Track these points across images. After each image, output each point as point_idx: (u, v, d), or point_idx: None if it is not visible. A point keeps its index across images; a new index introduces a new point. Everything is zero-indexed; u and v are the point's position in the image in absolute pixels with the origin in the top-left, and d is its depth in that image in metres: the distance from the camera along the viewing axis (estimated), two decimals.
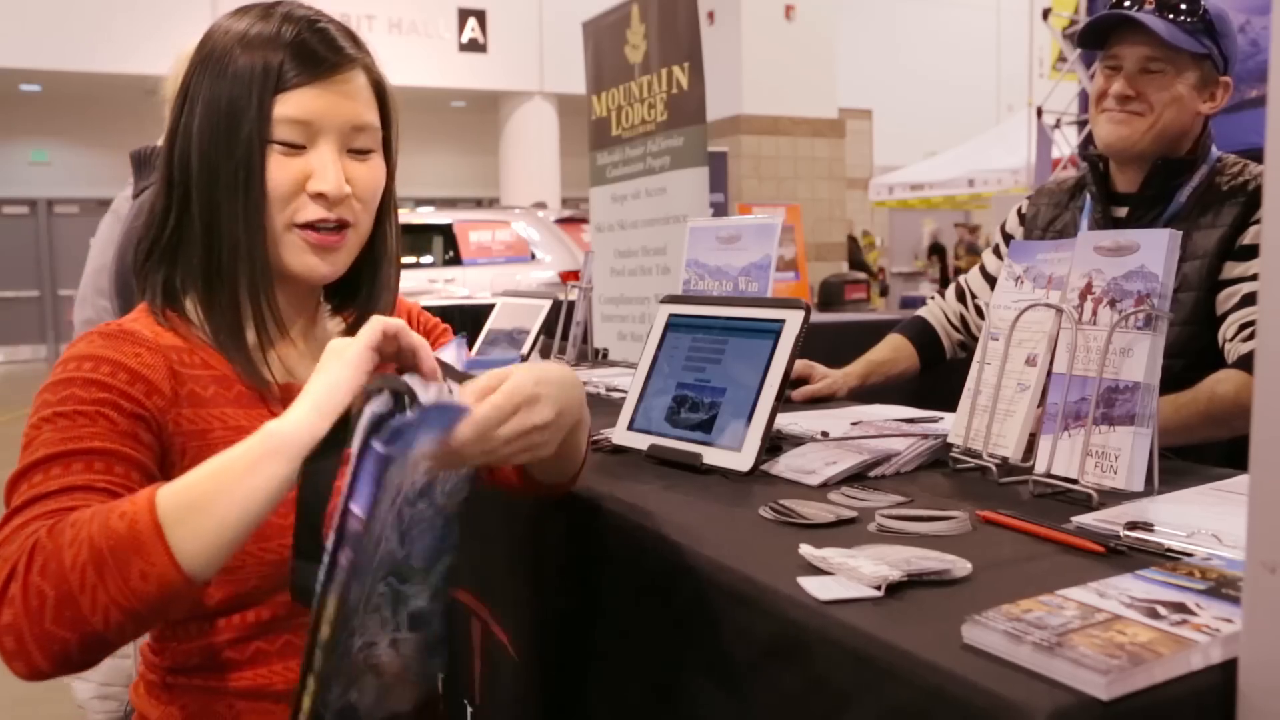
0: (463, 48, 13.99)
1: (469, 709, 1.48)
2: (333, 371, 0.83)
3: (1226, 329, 1.55)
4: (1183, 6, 1.63)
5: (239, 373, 1.00)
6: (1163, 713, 0.64)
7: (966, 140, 12.80)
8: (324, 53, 0.99)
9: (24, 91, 13.71)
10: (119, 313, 1.85)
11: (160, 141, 1.93)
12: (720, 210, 7.22)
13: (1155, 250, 1.10)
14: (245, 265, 0.99)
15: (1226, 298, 1.57)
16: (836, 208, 11.36)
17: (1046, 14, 7.54)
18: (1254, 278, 1.53)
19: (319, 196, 0.99)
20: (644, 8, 2.96)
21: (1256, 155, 0.66)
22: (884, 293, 12.67)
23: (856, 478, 1.23)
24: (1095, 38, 1.72)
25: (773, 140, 10.83)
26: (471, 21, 13.98)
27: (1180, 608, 0.73)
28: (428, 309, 1.26)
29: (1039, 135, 7.47)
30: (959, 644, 0.71)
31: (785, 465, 1.27)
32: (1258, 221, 1.49)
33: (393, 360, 0.89)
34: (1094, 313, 1.14)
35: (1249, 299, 1.51)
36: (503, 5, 14.08)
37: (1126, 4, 1.67)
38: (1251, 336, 1.49)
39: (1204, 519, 0.95)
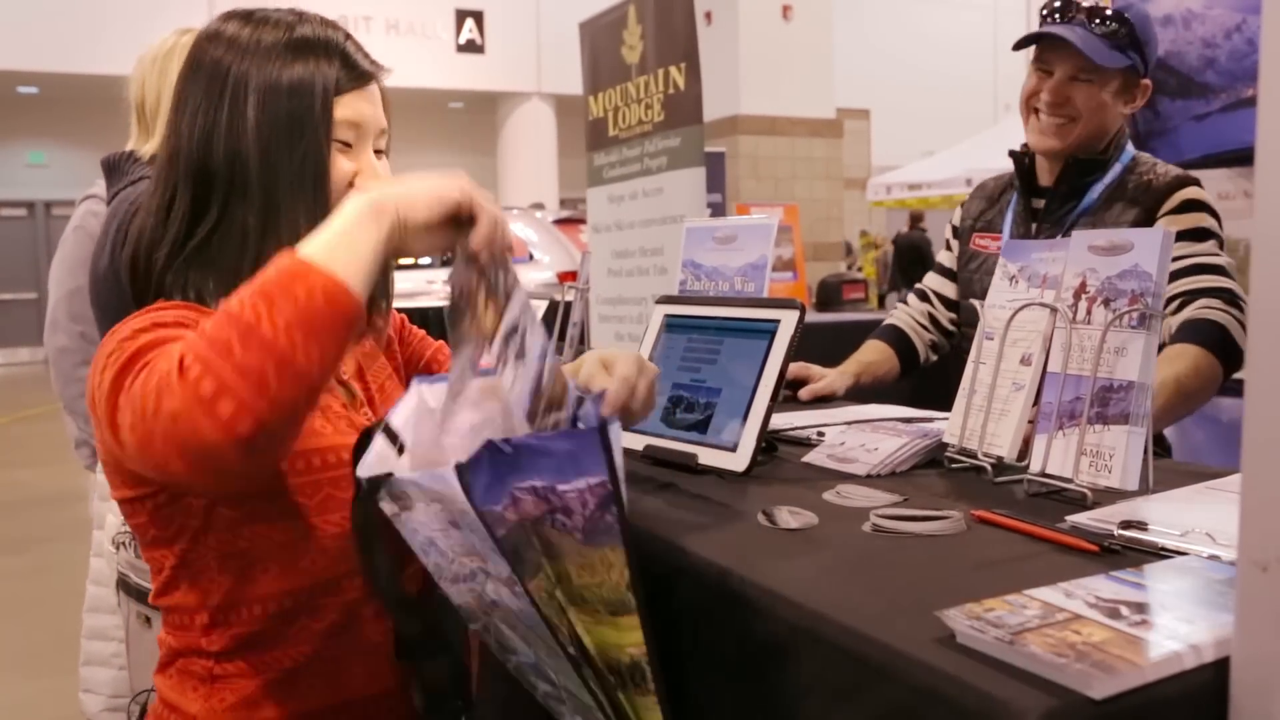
0: (460, 49, 14.00)
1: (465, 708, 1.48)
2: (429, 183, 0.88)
3: None
4: (1108, 14, 1.73)
5: None
6: (1155, 712, 0.64)
7: (964, 139, 12.81)
8: (365, 64, 1.08)
9: (21, 94, 13.71)
10: (99, 323, 1.76)
11: (141, 146, 1.90)
12: (718, 210, 7.22)
13: (1149, 249, 1.10)
14: None
15: None
16: (834, 208, 11.35)
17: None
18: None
19: None
20: (641, 8, 2.96)
21: (1250, 154, 0.66)
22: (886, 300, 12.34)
23: (853, 476, 1.23)
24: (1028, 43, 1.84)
25: (770, 140, 10.83)
26: (469, 22, 13.99)
27: (1142, 608, 0.73)
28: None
29: None
30: (953, 643, 0.71)
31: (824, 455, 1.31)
32: (1162, 215, 1.72)
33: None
34: (1088, 312, 1.14)
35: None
36: (500, 6, 14.09)
37: (1057, 7, 1.78)
38: (1179, 309, 1.62)
39: (1198, 518, 0.95)
